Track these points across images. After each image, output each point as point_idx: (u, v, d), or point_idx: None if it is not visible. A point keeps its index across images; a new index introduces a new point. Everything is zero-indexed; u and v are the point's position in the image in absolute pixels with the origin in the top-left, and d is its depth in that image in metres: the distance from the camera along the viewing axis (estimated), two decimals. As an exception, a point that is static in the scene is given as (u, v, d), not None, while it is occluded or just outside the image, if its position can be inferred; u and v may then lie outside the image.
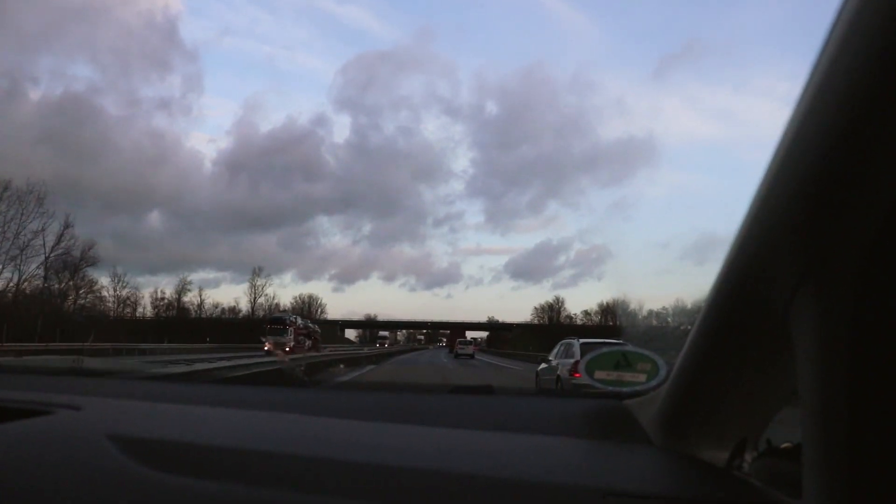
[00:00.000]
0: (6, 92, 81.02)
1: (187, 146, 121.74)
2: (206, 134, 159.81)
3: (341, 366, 24.80)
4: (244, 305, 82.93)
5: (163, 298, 77.49)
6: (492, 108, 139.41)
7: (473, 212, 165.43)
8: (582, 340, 11.37)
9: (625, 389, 1.21)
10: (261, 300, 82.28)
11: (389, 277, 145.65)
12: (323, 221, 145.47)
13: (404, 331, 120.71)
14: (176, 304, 77.15)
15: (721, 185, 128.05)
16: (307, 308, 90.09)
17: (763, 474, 0.82)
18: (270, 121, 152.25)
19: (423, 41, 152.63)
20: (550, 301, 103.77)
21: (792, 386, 0.82)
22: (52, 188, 48.46)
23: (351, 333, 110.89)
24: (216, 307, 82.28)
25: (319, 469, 0.73)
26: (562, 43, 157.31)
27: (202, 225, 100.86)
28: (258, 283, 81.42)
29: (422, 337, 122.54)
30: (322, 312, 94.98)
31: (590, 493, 0.69)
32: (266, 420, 1.01)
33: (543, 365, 13.65)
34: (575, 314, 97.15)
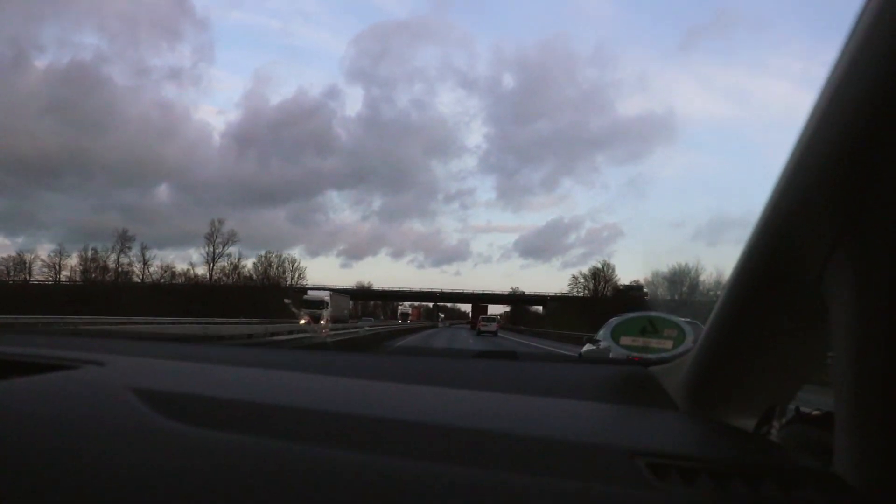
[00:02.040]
0: (11, 60, 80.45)
1: (196, 118, 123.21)
2: (214, 106, 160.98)
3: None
4: (203, 270, 73.00)
5: (94, 259, 67.92)
6: (509, 81, 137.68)
7: (485, 188, 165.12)
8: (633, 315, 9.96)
9: (651, 356, 1.20)
10: (223, 263, 74.06)
11: (398, 254, 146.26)
12: (333, 196, 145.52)
13: (406, 304, 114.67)
14: (106, 267, 66.13)
15: (738, 165, 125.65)
16: (274, 272, 79.07)
17: (792, 441, 0.81)
18: (280, 93, 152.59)
19: (439, 10, 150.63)
20: (597, 266, 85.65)
21: (823, 354, 0.81)
22: (59, 159, 47.82)
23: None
24: (166, 271, 72.85)
25: (348, 424, 0.74)
26: (585, 13, 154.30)
27: (210, 199, 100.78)
28: (218, 242, 72.70)
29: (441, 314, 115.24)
30: (299, 277, 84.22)
31: (616, 453, 0.69)
32: (295, 379, 1.02)
33: (589, 346, 12.96)
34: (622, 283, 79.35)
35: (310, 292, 52.49)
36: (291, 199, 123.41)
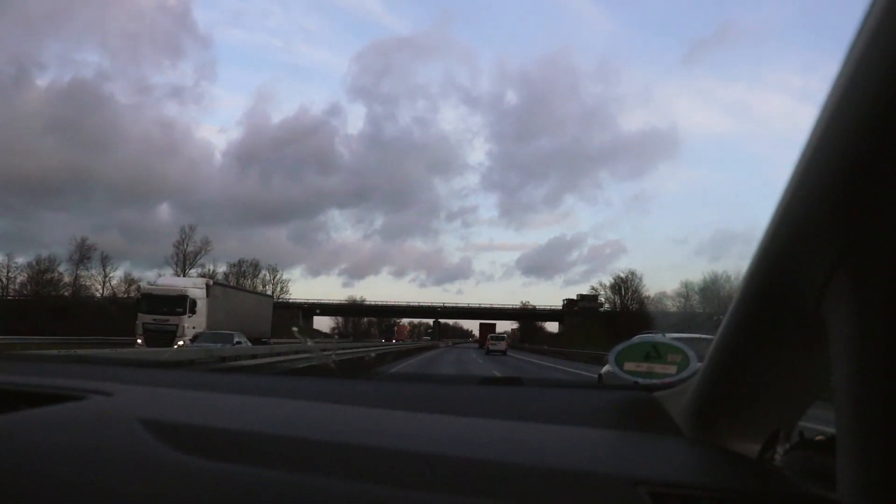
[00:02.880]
0: (13, 78, 79.72)
1: (197, 136, 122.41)
2: (215, 125, 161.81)
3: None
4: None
5: (45, 271, 57.54)
6: (512, 97, 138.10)
7: (488, 206, 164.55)
8: (672, 336, 9.09)
9: (655, 381, 1.20)
10: (195, 272, 62.72)
11: (400, 272, 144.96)
12: (334, 215, 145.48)
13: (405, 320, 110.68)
14: (57, 281, 56.03)
15: (741, 180, 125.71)
16: (249, 283, 69.87)
17: (796, 467, 0.81)
18: (282, 111, 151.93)
19: (442, 27, 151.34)
20: (622, 276, 72.93)
21: (826, 377, 0.81)
22: (59, 178, 46.10)
23: (325, 323, 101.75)
24: (130, 284, 60.91)
25: (351, 455, 0.74)
26: (588, 28, 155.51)
27: (211, 218, 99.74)
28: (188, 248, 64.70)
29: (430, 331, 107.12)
30: (282, 291, 78.49)
31: (620, 482, 0.69)
32: (298, 408, 1.02)
33: (609, 368, 11.96)
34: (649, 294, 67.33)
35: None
36: (293, 217, 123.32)
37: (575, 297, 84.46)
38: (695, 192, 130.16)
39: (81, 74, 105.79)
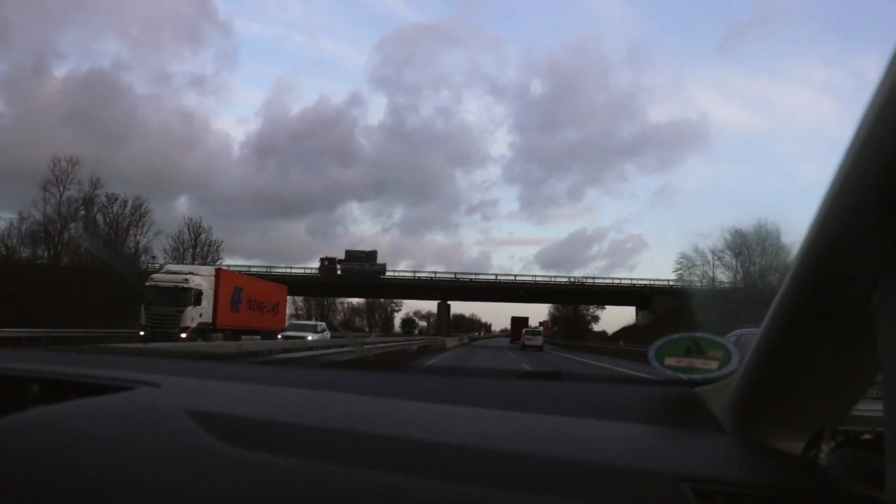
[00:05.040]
0: (31, 69, 79.43)
1: (216, 128, 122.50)
2: (235, 117, 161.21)
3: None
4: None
5: None
6: (537, 87, 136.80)
7: (509, 199, 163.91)
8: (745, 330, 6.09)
9: (696, 377, 1.19)
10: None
11: (418, 266, 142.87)
12: (353, 208, 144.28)
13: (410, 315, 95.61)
14: None
15: (770, 176, 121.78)
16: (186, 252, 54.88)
17: (842, 465, 0.79)
18: (301, 103, 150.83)
19: (466, 14, 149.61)
20: (741, 230, 41.83)
21: (872, 375, 0.79)
22: (77, 170, 44.78)
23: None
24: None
25: (394, 448, 0.75)
26: (619, 13, 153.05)
27: (229, 212, 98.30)
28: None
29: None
30: (215, 256, 58.98)
31: (664, 478, 0.68)
32: (342, 401, 1.04)
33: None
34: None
35: (166, 268, 28.90)
36: (311, 210, 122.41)
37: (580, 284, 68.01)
38: (722, 187, 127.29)
39: (100, 64, 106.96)
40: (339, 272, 66.05)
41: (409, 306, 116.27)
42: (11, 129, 63.58)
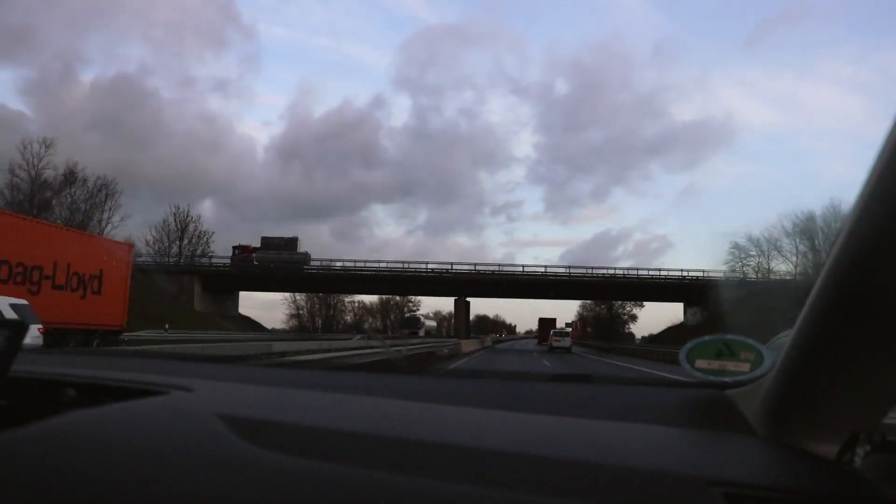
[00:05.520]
0: (58, 74, 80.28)
1: (240, 132, 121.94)
2: (258, 120, 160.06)
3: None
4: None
5: None
6: (561, 86, 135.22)
7: (533, 200, 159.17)
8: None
9: (727, 379, 1.17)
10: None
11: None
12: (377, 210, 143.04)
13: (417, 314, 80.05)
14: None
15: (798, 175, 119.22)
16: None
17: (878, 470, 0.78)
18: (325, 105, 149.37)
19: (489, 13, 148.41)
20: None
21: None
22: (103, 175, 44.57)
23: (262, 309, 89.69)
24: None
25: (425, 452, 0.76)
26: (644, 9, 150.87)
27: (254, 215, 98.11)
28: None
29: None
30: (205, 248, 56.82)
31: (692, 482, 0.68)
32: (373, 405, 1.05)
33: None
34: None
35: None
36: (335, 213, 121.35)
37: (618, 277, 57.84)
38: (748, 186, 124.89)
39: (125, 69, 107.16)
40: (255, 262, 58.25)
41: (430, 306, 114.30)
42: (40, 134, 64.41)
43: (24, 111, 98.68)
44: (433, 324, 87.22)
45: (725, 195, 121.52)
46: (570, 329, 60.84)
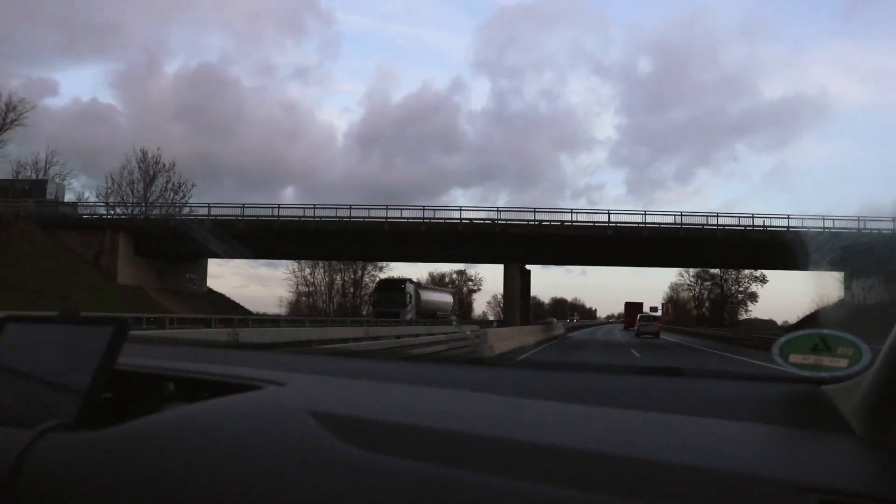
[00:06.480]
0: (144, 67, 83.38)
1: (320, 118, 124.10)
2: (337, 107, 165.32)
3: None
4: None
5: None
6: (644, 65, 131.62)
7: (615, 183, 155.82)
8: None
9: (824, 374, 1.13)
10: None
11: None
12: (458, 195, 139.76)
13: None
14: None
15: (893, 152, 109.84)
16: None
17: None
18: (403, 91, 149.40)
19: None
20: None
21: None
22: (188, 166, 38.15)
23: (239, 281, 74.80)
24: None
25: (511, 451, 0.76)
26: None
27: (334, 200, 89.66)
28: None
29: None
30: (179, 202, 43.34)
31: (786, 487, 0.64)
32: (458, 399, 1.06)
33: None
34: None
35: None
36: (415, 199, 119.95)
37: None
38: (841, 165, 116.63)
39: (207, 59, 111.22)
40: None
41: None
42: (126, 126, 66.23)
43: (114, 104, 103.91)
44: (441, 299, 55.26)
45: (816, 175, 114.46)
46: (659, 313, 57.41)
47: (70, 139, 74.08)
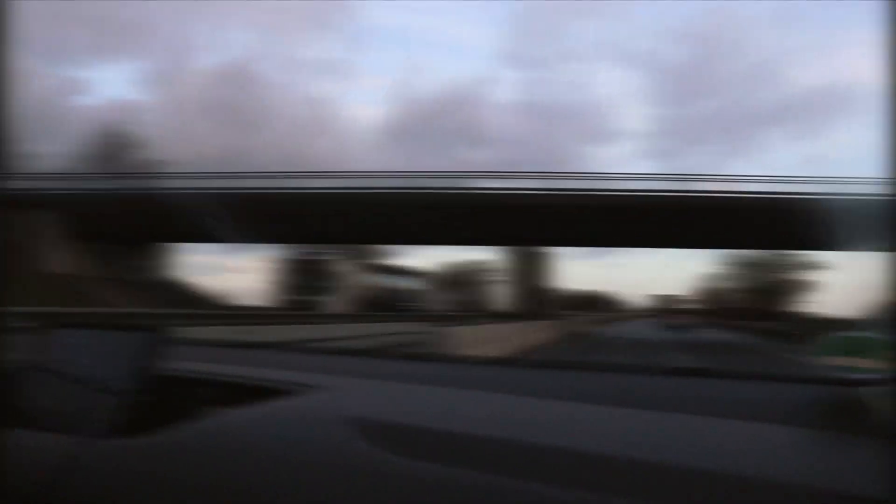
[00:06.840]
0: (172, 65, 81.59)
1: (346, 114, 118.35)
2: (362, 101, 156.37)
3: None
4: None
5: None
6: (673, 54, 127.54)
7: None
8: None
9: (862, 377, 1.11)
10: None
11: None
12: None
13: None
14: None
15: None
16: None
17: None
18: (428, 84, 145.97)
19: None
20: None
21: None
22: (218, 162, 40.77)
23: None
24: None
25: (553, 457, 0.75)
26: None
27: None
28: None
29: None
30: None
31: (819, 494, 0.62)
32: (495, 403, 1.06)
33: None
34: None
35: None
36: None
37: None
38: (877, 154, 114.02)
39: (233, 55, 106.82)
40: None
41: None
42: (157, 123, 65.80)
43: (142, 100, 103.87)
44: (414, 287, 47.32)
45: (852, 165, 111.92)
46: (695, 306, 51.73)
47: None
